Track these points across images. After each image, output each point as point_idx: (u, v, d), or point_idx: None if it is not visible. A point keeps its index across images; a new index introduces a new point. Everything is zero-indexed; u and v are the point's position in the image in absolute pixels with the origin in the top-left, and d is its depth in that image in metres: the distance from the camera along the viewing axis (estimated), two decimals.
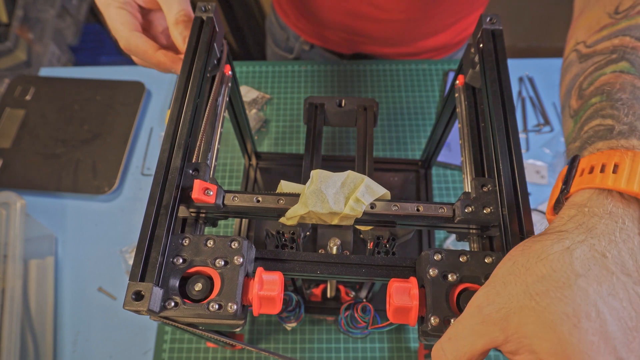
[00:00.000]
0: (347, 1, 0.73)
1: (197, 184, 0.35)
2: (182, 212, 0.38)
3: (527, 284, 0.25)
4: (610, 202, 0.27)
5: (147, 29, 0.48)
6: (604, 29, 0.35)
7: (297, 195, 0.37)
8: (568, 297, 0.23)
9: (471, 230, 0.38)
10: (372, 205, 0.37)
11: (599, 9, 0.37)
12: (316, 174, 0.37)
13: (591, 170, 0.29)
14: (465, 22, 0.79)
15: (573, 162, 0.31)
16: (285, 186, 0.39)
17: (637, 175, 0.27)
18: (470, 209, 0.35)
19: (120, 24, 0.45)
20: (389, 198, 0.37)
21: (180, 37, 0.44)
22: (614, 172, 0.27)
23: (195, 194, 0.35)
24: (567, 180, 0.30)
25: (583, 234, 0.26)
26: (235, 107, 0.53)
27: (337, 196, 0.36)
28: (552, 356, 0.23)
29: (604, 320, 0.23)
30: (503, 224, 0.34)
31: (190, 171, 0.36)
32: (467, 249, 0.39)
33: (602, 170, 0.28)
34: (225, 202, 0.37)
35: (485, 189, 0.36)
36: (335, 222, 0.37)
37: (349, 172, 0.38)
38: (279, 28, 0.90)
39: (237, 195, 0.37)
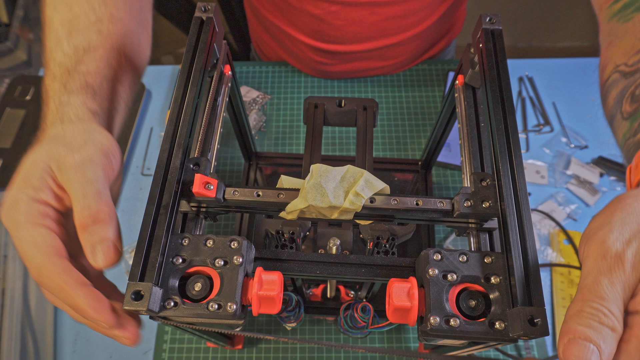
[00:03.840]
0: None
1: (198, 177, 0.35)
2: (183, 206, 0.38)
3: None
4: None
5: (78, 253, 0.35)
6: None
7: (297, 190, 0.37)
8: None
9: (470, 225, 0.38)
10: (372, 200, 0.37)
11: (629, 37, 0.42)
12: (316, 168, 0.37)
13: None
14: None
15: None
16: (285, 181, 0.39)
17: None
18: (469, 203, 0.36)
19: (33, 245, 0.32)
20: (389, 192, 0.38)
21: (87, 246, 0.32)
22: None
23: (196, 188, 0.35)
24: None
25: None
26: (235, 107, 0.53)
27: (336, 190, 0.36)
28: None
29: None
30: (502, 217, 0.34)
31: (191, 166, 0.36)
32: (467, 244, 0.39)
33: None
34: (225, 196, 0.37)
35: (484, 184, 0.36)
36: (334, 216, 0.37)
37: (349, 166, 0.38)
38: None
39: (237, 189, 0.37)
